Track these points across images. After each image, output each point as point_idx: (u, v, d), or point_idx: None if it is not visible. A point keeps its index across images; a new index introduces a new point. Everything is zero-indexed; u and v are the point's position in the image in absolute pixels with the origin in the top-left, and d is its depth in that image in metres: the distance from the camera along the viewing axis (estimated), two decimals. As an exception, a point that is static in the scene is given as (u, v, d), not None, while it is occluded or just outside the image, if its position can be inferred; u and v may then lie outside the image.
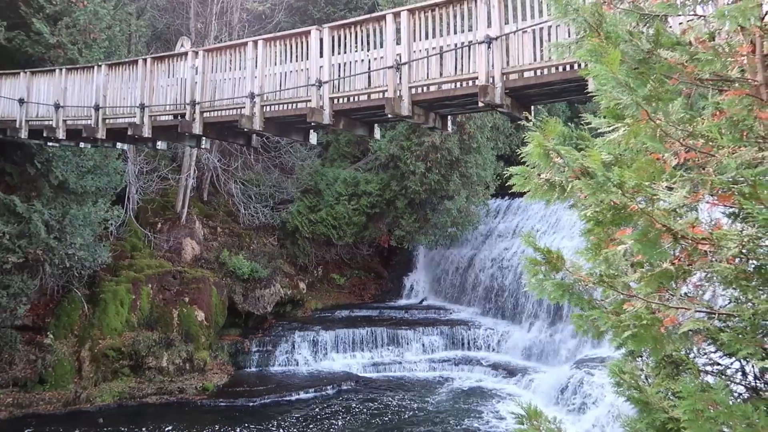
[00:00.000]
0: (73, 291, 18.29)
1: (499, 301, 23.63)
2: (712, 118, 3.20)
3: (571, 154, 3.24)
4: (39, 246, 15.80)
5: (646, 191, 3.01)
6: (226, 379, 19.06)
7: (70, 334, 18.02)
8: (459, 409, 16.92)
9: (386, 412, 16.79)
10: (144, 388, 17.62)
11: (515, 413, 4.12)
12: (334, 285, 27.07)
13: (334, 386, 18.77)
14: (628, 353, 4.62)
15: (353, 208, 25.10)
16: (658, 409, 3.95)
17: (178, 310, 19.38)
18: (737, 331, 3.20)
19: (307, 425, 15.80)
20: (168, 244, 21.58)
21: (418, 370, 20.53)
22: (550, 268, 3.71)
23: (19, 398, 16.24)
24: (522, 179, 3.55)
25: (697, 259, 3.09)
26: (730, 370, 3.97)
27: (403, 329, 21.87)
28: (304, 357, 20.69)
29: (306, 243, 25.32)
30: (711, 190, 3.13)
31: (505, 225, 26.31)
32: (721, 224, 3.20)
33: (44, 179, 16.54)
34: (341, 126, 9.84)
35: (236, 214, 24.47)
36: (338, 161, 27.84)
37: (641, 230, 3.01)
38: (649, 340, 3.20)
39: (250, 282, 21.90)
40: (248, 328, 22.01)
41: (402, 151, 24.33)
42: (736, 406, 2.92)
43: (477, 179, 24.59)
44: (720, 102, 3.19)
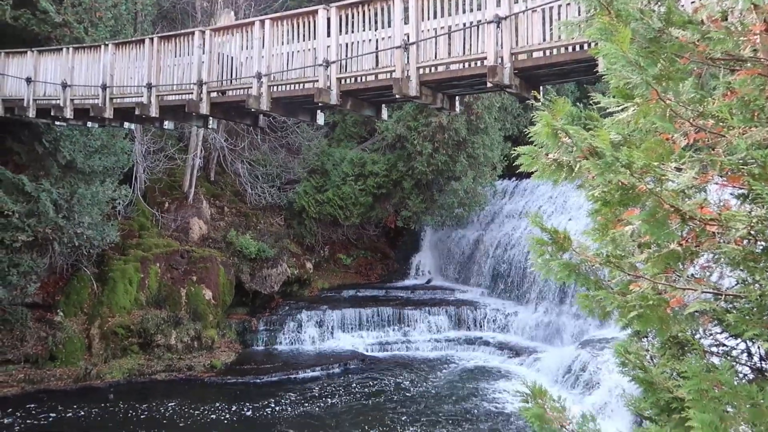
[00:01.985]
0: (82, 269, 18.47)
1: (505, 282, 23.69)
2: (723, 98, 3.16)
3: (579, 133, 3.22)
4: (48, 225, 15.93)
5: (655, 172, 2.99)
6: (233, 357, 19.30)
7: (80, 312, 18.25)
8: (464, 388, 17.08)
9: (392, 390, 16.97)
10: (153, 365, 17.87)
11: (520, 392, 4.16)
12: (340, 265, 27.19)
13: (341, 365, 18.97)
14: (633, 334, 4.64)
15: (360, 188, 25.09)
16: (663, 389, 3.98)
17: (186, 288, 19.55)
18: (744, 312, 3.20)
19: (314, 403, 16.00)
20: (175, 224, 21.70)
21: (423, 349, 20.68)
22: (557, 249, 3.71)
23: (31, 374, 16.51)
24: (529, 159, 3.53)
25: (704, 240, 3.08)
26: (736, 351, 3.98)
27: (409, 309, 22.00)
28: (311, 336, 20.88)
29: (312, 223, 25.39)
30: (720, 170, 3.11)
31: (512, 206, 26.25)
32: (729, 205, 3.19)
33: (52, 159, 16.61)
34: (348, 106, 9.80)
35: (243, 194, 24.53)
36: (345, 141, 27.78)
37: (649, 211, 3.00)
38: (655, 320, 3.21)
39: (257, 261, 22.03)
40: (255, 307, 22.21)
41: (409, 132, 24.23)
42: (741, 387, 2.94)
43: (484, 160, 24.49)
44: (731, 82, 3.15)
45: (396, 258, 28.52)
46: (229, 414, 15.12)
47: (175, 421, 14.59)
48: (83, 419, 14.59)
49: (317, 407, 15.71)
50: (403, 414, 15.16)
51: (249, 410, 15.34)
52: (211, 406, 15.56)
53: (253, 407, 15.54)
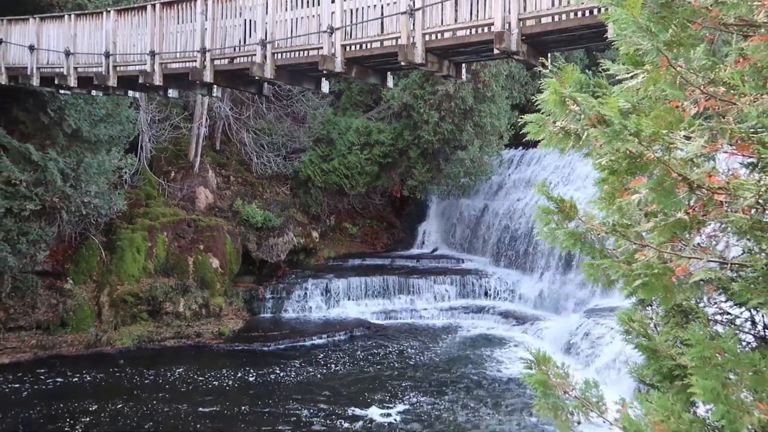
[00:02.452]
0: (90, 238, 18.62)
1: (510, 251, 23.75)
2: (735, 65, 3.11)
3: (587, 101, 3.18)
4: (55, 194, 16.01)
5: (664, 140, 2.96)
6: (241, 324, 19.56)
7: (89, 280, 18.47)
8: (469, 356, 17.29)
9: (397, 357, 17.20)
10: (162, 332, 18.16)
11: (524, 359, 4.21)
12: (346, 234, 27.29)
13: (347, 332, 19.20)
14: (637, 302, 4.66)
15: (366, 157, 25.00)
16: (666, 357, 4.01)
17: (193, 257, 19.72)
18: (749, 281, 3.20)
19: (320, 369, 16.26)
20: (182, 193, 21.76)
21: (429, 318, 20.89)
22: (563, 218, 3.70)
23: (43, 340, 16.82)
24: (536, 127, 3.50)
25: (712, 209, 3.07)
26: (740, 319, 4.00)
27: (414, 278, 22.14)
28: (317, 304, 21.10)
29: (318, 192, 25.39)
30: (730, 139, 3.07)
31: (519, 176, 26.15)
32: (738, 174, 3.16)
33: (57, 128, 16.59)
34: (353, 74, 9.70)
35: (249, 163, 24.51)
36: (350, 110, 27.58)
37: (657, 179, 2.98)
38: (660, 289, 3.21)
39: (263, 231, 22.14)
40: (262, 275, 22.41)
41: (415, 100, 24.01)
42: (744, 354, 2.96)
43: (491, 129, 24.30)
44: (744, 48, 3.09)
45: (402, 227, 28.59)
46: (236, 380, 15.40)
47: (184, 386, 14.88)
48: (94, 384, 14.90)
49: (323, 374, 15.97)
50: (407, 380, 15.39)
51: (256, 376, 15.62)
52: (220, 372, 15.84)
53: (261, 373, 15.81)
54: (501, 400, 14.16)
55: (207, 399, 14.03)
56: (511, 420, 13.03)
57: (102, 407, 13.42)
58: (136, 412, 13.22)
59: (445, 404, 13.87)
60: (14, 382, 14.77)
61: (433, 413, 13.36)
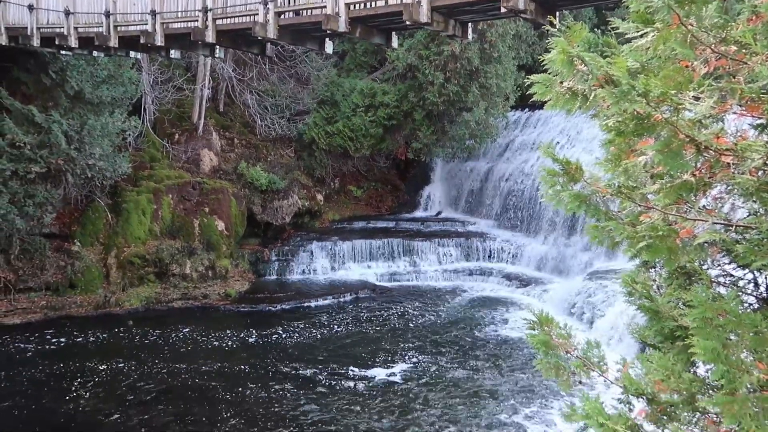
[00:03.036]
0: (96, 201, 18.70)
1: (515, 214, 23.75)
2: (748, 23, 3.03)
3: (595, 61, 3.12)
4: (60, 156, 16.01)
5: (672, 100, 2.92)
6: (247, 286, 19.79)
7: (96, 242, 18.63)
8: (472, 317, 17.50)
9: (401, 318, 17.42)
10: (169, 293, 18.40)
11: (527, 320, 4.25)
12: (351, 197, 27.29)
13: (352, 294, 19.41)
14: (641, 264, 4.67)
15: (370, 119, 24.80)
16: (668, 318, 4.05)
17: (198, 219, 19.81)
18: (753, 243, 3.20)
19: (325, 329, 16.50)
20: (186, 155, 21.72)
21: (433, 280, 21.06)
22: (568, 180, 3.68)
23: (53, 301, 17.09)
24: (543, 88, 3.45)
25: (718, 171, 3.05)
26: (743, 281, 4.01)
27: (419, 240, 22.24)
28: (322, 266, 21.27)
29: (323, 155, 25.30)
30: (740, 99, 3.03)
31: (524, 138, 25.93)
32: (747, 135, 3.12)
33: (60, 89, 16.48)
34: (358, 34, 9.54)
35: (253, 126, 24.36)
36: (355, 71, 27.22)
37: (664, 140, 2.95)
38: (664, 251, 3.22)
39: (268, 193, 22.17)
40: (267, 238, 22.54)
41: (420, 61, 23.66)
42: (745, 315, 2.98)
43: (497, 90, 23.99)
44: (757, 5, 3.01)
45: (406, 190, 28.56)
46: (243, 340, 15.66)
47: (192, 346, 15.16)
48: (103, 344, 15.20)
49: (328, 334, 16.22)
50: (410, 341, 15.63)
51: (262, 336, 15.88)
52: (226, 332, 16.11)
53: (266, 334, 16.07)
54: (503, 360, 14.39)
55: (214, 358, 14.31)
56: (512, 379, 13.27)
57: (110, 366, 13.72)
58: (144, 371, 13.52)
59: (447, 364, 14.11)
60: (25, 342, 15.07)
61: (435, 373, 13.61)
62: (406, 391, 12.64)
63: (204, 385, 12.84)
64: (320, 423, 11.27)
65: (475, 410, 11.82)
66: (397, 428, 11.09)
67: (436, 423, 11.29)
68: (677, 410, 3.59)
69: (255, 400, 12.21)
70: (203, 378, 13.23)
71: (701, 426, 3.54)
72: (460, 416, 11.56)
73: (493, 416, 11.59)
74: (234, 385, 12.84)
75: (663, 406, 3.63)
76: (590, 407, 3.61)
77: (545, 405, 12.03)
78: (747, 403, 2.87)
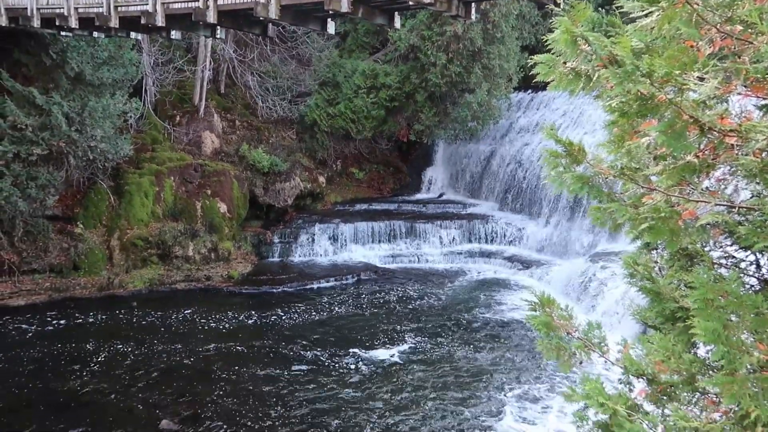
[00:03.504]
0: (98, 183, 18.71)
1: (517, 196, 23.72)
2: (754, 2, 3.00)
3: (599, 41, 3.09)
4: (61, 138, 15.98)
5: (676, 81, 2.89)
6: (249, 268, 19.86)
7: (99, 224, 18.68)
8: (473, 299, 17.57)
9: (403, 300, 17.50)
10: (172, 275, 18.49)
11: (529, 301, 4.27)
12: (352, 179, 27.26)
13: (354, 276, 19.49)
14: (643, 246, 4.67)
15: (372, 101, 24.67)
16: (669, 299, 4.06)
17: (201, 202, 19.83)
18: (756, 225, 3.20)
19: (327, 311, 16.60)
20: (187, 137, 21.67)
21: (435, 262, 21.11)
22: (571, 161, 3.67)
23: (57, 283, 17.19)
24: (546, 68, 3.42)
25: (722, 153, 3.03)
26: (745, 263, 4.02)
27: (421, 223, 22.25)
28: (324, 248, 21.32)
29: (324, 137, 25.21)
30: (745, 80, 3.00)
31: (527, 120, 25.79)
32: (751, 116, 3.10)
33: (60, 70, 16.39)
34: (360, 14, 9.44)
35: (254, 107, 24.26)
36: (356, 52, 27.01)
37: (667, 122, 2.93)
38: (666, 232, 3.22)
39: (270, 175, 22.15)
40: (269, 220, 22.57)
41: (422, 42, 23.46)
42: (746, 296, 2.98)
43: (500, 71, 23.80)
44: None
45: (408, 172, 28.50)
46: (245, 321, 15.77)
47: (195, 327, 15.27)
48: (107, 325, 15.31)
49: (330, 315, 16.31)
50: (411, 322, 15.72)
51: (265, 318, 15.98)
52: (229, 314, 16.21)
53: (269, 315, 16.17)
54: (503, 341, 14.48)
55: (217, 339, 14.42)
56: (512, 360, 13.36)
57: (114, 347, 13.84)
58: (147, 352, 13.63)
59: (447, 345, 14.20)
60: (30, 323, 15.20)
61: (435, 354, 13.70)
62: (406, 372, 12.75)
63: (206, 366, 12.96)
64: (320, 402, 11.39)
65: (474, 390, 11.93)
66: (395, 407, 11.21)
67: (434, 402, 11.40)
68: (677, 390, 3.62)
69: (256, 380, 12.33)
70: (206, 358, 13.35)
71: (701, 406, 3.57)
72: (458, 396, 11.67)
73: (491, 395, 11.69)
74: (236, 366, 12.96)
75: (663, 387, 3.66)
76: (590, 387, 3.64)
77: (544, 385, 12.12)
78: (747, 383, 2.89)
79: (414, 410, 11.13)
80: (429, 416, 10.92)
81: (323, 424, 10.65)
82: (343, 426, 10.59)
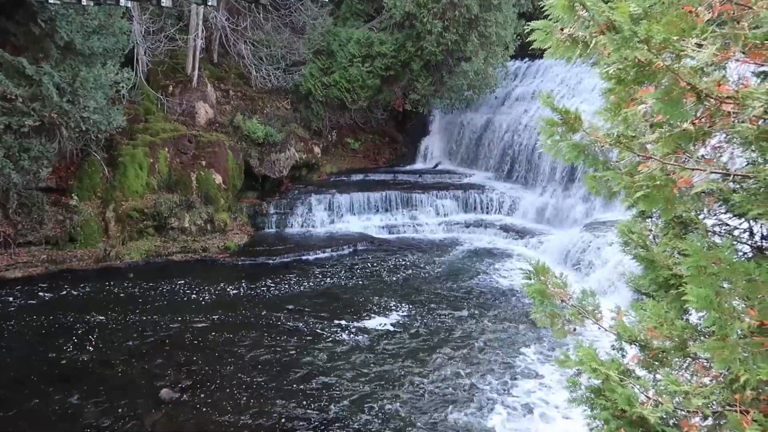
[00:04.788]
0: (92, 154, 18.57)
1: (512, 166, 23.70)
2: (755, -34, 2.95)
3: (597, 6, 3.05)
4: (53, 109, 15.78)
5: (674, 47, 2.87)
6: (246, 239, 19.90)
7: (94, 196, 18.60)
8: (469, 268, 17.69)
9: (399, 270, 17.61)
10: (169, 246, 18.51)
11: (524, 269, 4.30)
12: (348, 149, 27.14)
13: (350, 246, 19.56)
14: (638, 214, 4.70)
15: (367, 70, 24.40)
16: (663, 267, 4.10)
17: (195, 173, 19.74)
18: (750, 192, 3.21)
19: (324, 281, 16.70)
20: (181, 108, 21.45)
21: (431, 232, 21.18)
22: (567, 129, 3.66)
23: (53, 255, 17.19)
24: (543, 35, 3.38)
25: (718, 120, 3.02)
26: (738, 230, 4.04)
27: (417, 193, 22.26)
28: (321, 219, 21.35)
29: (319, 107, 25.00)
30: (743, 46, 2.98)
31: (524, 88, 25.61)
32: (748, 83, 3.08)
33: (50, 40, 16.09)
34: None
35: (248, 77, 23.97)
36: (351, 20, 26.59)
37: (665, 89, 2.92)
38: (661, 200, 3.23)
39: (265, 146, 22.02)
40: (265, 191, 22.52)
41: (418, 9, 23.10)
42: (739, 263, 3.02)
43: (496, 39, 23.51)
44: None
45: (404, 142, 28.38)
46: (242, 292, 15.86)
47: (192, 298, 15.36)
48: (104, 297, 15.38)
49: (326, 286, 16.42)
50: (408, 291, 15.84)
51: (261, 289, 16.07)
52: (226, 285, 16.30)
53: (266, 286, 16.27)
54: (497, 309, 14.63)
55: (213, 310, 14.53)
56: (506, 327, 13.52)
57: (111, 318, 13.94)
58: (145, 323, 13.74)
59: (442, 314, 14.35)
60: (26, 295, 15.25)
61: (430, 323, 13.85)
62: (400, 341, 12.90)
63: (204, 336, 13.08)
64: (316, 370, 11.54)
65: (467, 357, 12.10)
66: (387, 377, 11.38)
67: (426, 369, 11.57)
68: (669, 356, 3.68)
69: (254, 349, 12.46)
70: (204, 329, 13.47)
71: (692, 371, 3.63)
72: (450, 363, 11.84)
73: (484, 363, 11.87)
74: (234, 336, 13.08)
75: (655, 352, 3.72)
76: (584, 353, 3.69)
77: (537, 351, 12.31)
78: (737, 348, 2.94)
79: (406, 378, 11.30)
80: (423, 384, 11.09)
81: (319, 391, 10.82)
82: (338, 394, 10.76)
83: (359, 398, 10.59)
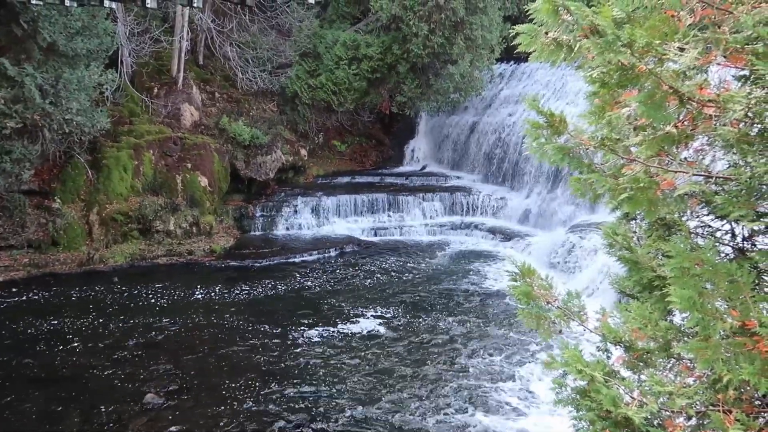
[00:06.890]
0: (75, 157, 18.36)
1: (499, 168, 23.82)
2: (735, -29, 3.00)
3: (581, 10, 3.08)
4: (35, 111, 15.60)
5: (656, 51, 2.90)
6: (232, 242, 19.78)
7: (77, 199, 18.39)
8: (455, 270, 17.74)
9: (386, 272, 17.61)
10: (154, 249, 18.34)
11: (510, 271, 4.32)
12: (335, 152, 27.12)
13: (337, 249, 19.52)
14: (622, 216, 4.74)
15: (353, 72, 24.41)
16: (647, 268, 4.14)
17: (181, 175, 19.59)
18: (732, 194, 3.25)
19: (310, 284, 16.65)
20: (166, 110, 21.29)
21: (417, 234, 21.22)
22: (552, 132, 3.69)
23: (35, 259, 16.96)
24: (528, 38, 3.41)
25: (700, 123, 3.06)
26: (720, 232, 4.10)
27: (403, 195, 22.29)
28: (307, 221, 21.29)
29: (306, 109, 24.96)
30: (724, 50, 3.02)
31: (510, 91, 25.76)
32: (729, 87, 3.13)
33: (32, 41, 15.90)
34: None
35: (234, 79, 23.87)
36: (337, 22, 26.60)
37: (648, 92, 2.95)
38: (645, 202, 3.26)
39: (251, 148, 21.92)
40: (251, 193, 22.42)
41: (404, 12, 23.17)
42: (721, 265, 3.05)
43: (482, 42, 23.65)
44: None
45: (391, 144, 28.42)
46: (229, 295, 15.76)
47: (178, 301, 15.24)
48: (88, 300, 15.20)
49: (313, 289, 16.37)
50: (394, 293, 15.84)
51: (248, 292, 15.99)
52: (212, 288, 16.19)
53: (252, 289, 16.18)
54: (485, 311, 14.68)
55: (200, 313, 14.42)
56: (491, 329, 13.57)
57: (96, 322, 13.78)
58: (129, 327, 13.60)
59: (428, 316, 14.36)
60: (8, 299, 15.03)
61: (416, 325, 13.86)
62: (387, 343, 12.89)
63: (190, 340, 12.97)
64: (302, 373, 11.50)
65: (453, 359, 12.12)
66: (373, 380, 11.36)
67: (412, 371, 11.57)
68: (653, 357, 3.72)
69: (240, 353, 12.39)
70: (189, 333, 13.36)
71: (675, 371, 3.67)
72: (437, 365, 11.85)
73: (470, 365, 11.89)
74: (219, 340, 12.99)
75: (639, 353, 3.75)
76: (569, 355, 3.71)
77: (523, 353, 12.36)
78: (720, 349, 2.97)
79: (394, 379, 11.29)
80: (408, 386, 11.09)
81: (303, 395, 10.77)
82: (324, 397, 10.72)
83: (345, 402, 10.56)
